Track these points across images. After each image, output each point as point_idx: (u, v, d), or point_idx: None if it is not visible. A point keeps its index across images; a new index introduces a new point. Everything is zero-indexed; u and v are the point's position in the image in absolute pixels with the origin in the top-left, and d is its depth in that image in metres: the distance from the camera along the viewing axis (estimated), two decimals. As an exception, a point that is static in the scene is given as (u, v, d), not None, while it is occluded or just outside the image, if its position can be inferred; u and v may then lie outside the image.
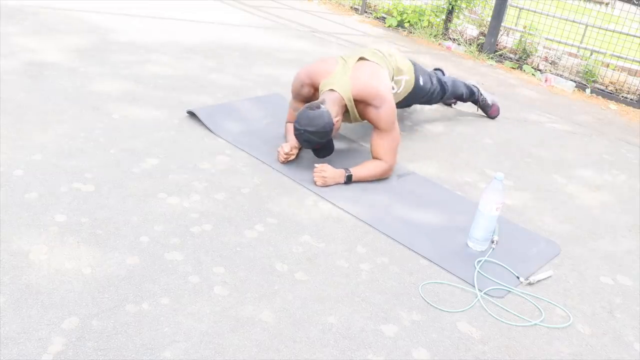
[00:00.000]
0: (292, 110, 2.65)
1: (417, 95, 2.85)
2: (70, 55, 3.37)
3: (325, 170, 2.36)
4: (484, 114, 3.43)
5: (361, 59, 2.53)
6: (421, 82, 2.82)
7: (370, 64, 2.52)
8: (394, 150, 2.45)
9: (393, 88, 2.65)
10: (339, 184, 2.38)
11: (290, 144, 2.47)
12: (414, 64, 2.83)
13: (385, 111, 2.38)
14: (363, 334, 1.60)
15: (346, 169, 2.40)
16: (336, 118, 2.33)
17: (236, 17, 4.94)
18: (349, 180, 2.38)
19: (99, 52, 3.50)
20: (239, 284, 1.72)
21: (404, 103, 2.86)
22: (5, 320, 1.47)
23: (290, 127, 2.61)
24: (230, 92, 3.19)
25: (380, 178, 2.46)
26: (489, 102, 3.36)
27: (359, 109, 2.45)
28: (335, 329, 1.60)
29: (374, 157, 2.47)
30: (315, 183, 2.34)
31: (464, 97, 3.25)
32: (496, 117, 3.43)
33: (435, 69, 3.26)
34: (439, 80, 2.99)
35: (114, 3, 4.69)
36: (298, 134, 2.28)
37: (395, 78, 2.67)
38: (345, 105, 2.42)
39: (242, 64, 3.70)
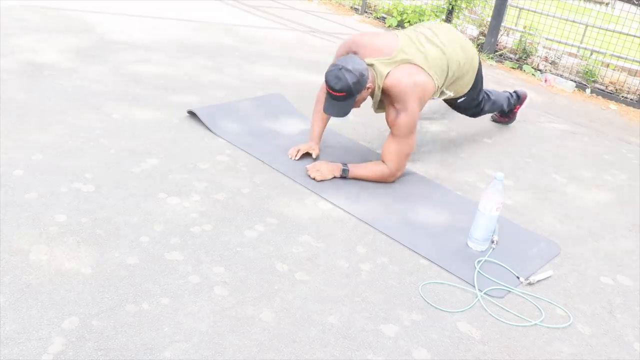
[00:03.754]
0: (322, 94, 2.55)
1: (454, 104, 2.82)
2: (70, 55, 3.37)
3: (318, 165, 2.38)
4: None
5: (412, 63, 2.35)
6: (460, 101, 2.75)
7: (419, 70, 2.35)
8: (401, 158, 2.40)
9: (435, 95, 2.52)
10: (336, 177, 2.39)
11: (308, 145, 2.51)
12: (476, 82, 2.67)
13: (404, 119, 2.31)
14: (363, 334, 1.60)
15: (344, 164, 2.40)
16: (368, 85, 2.26)
17: (236, 17, 4.94)
18: (344, 173, 2.39)
19: (98, 52, 3.50)
20: (239, 284, 1.72)
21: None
22: (5, 320, 1.47)
23: (317, 117, 2.57)
24: (230, 92, 3.19)
25: (379, 181, 2.43)
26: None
27: (386, 101, 2.38)
28: (335, 329, 1.60)
29: (382, 159, 2.45)
30: (313, 179, 2.35)
31: (506, 109, 3.19)
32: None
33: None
34: (482, 99, 2.91)
35: (114, 3, 4.69)
36: (332, 69, 2.21)
37: (444, 90, 2.55)
38: (374, 90, 2.36)
39: (242, 64, 3.70)
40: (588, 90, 4.44)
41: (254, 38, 4.38)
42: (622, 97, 4.36)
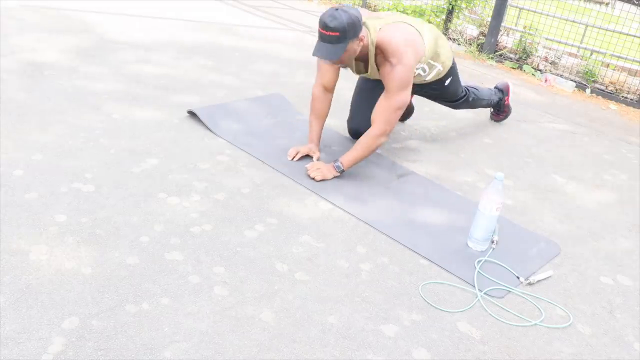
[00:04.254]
0: (322, 66, 2.53)
1: (437, 92, 2.79)
2: (70, 55, 3.37)
3: (318, 164, 2.39)
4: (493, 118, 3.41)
5: (407, 24, 2.42)
6: (446, 83, 2.73)
7: (412, 30, 2.39)
8: (390, 113, 2.33)
9: (424, 70, 2.54)
10: (337, 177, 2.40)
11: (308, 148, 2.53)
12: (454, 64, 2.73)
13: (399, 71, 2.27)
14: (363, 334, 1.60)
15: (334, 161, 2.40)
16: (361, 35, 2.24)
17: (236, 17, 4.94)
18: (339, 170, 2.39)
19: (98, 52, 3.50)
20: (239, 284, 1.72)
21: (421, 91, 2.80)
22: (5, 320, 1.46)
23: (314, 117, 2.57)
24: (230, 92, 3.19)
25: (374, 148, 2.38)
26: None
27: (377, 60, 2.37)
28: (335, 329, 1.60)
29: (372, 121, 2.38)
30: (314, 179, 2.35)
31: (495, 102, 3.22)
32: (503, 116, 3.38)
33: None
34: (466, 89, 2.95)
35: (114, 3, 4.69)
36: (329, 9, 2.21)
37: (429, 61, 2.53)
38: (367, 50, 2.34)
39: (242, 64, 3.70)
40: (588, 90, 4.44)
41: (254, 38, 4.38)
42: (622, 97, 4.36)
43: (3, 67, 3.04)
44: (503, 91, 3.28)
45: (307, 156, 2.53)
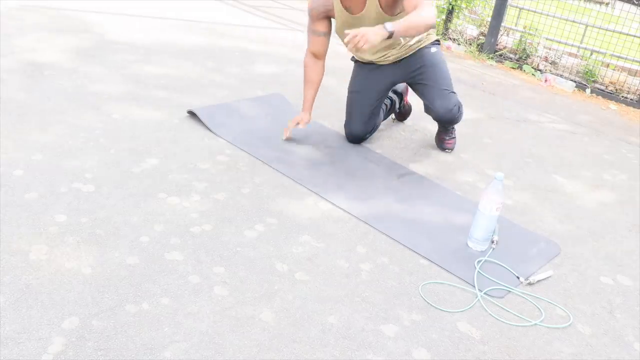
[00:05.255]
0: (312, 37, 2.54)
1: (425, 69, 2.61)
2: (70, 55, 3.37)
3: (359, 30, 2.12)
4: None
5: None
6: (432, 50, 2.63)
7: None
8: (429, 2, 2.23)
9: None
10: (383, 37, 2.14)
11: (296, 117, 2.56)
12: (439, 41, 2.68)
13: None
14: (363, 334, 1.60)
15: (383, 26, 2.15)
16: None
17: (236, 17, 4.94)
18: (390, 32, 2.14)
19: (99, 52, 3.50)
20: (239, 284, 1.72)
21: (407, 74, 2.66)
22: (5, 320, 1.47)
23: (307, 86, 2.59)
24: (230, 92, 3.19)
25: (425, 27, 2.21)
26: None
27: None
28: (335, 329, 1.60)
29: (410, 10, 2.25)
30: (360, 45, 2.11)
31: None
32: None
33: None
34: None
35: (114, 3, 4.69)
36: None
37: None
38: None
39: (242, 64, 3.70)
40: (588, 90, 4.44)
41: (254, 38, 4.38)
42: (622, 97, 4.36)
43: (3, 67, 3.04)
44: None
45: (310, 162, 2.53)
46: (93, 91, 2.93)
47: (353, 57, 2.80)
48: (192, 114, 2.79)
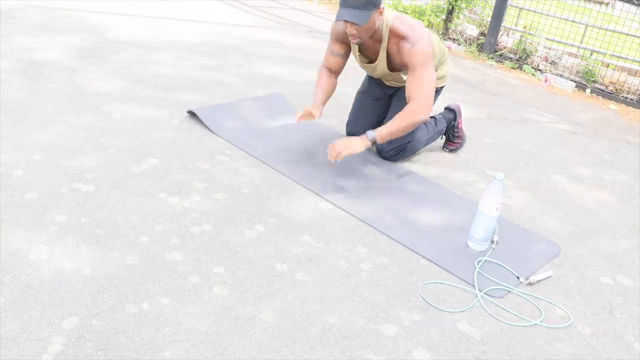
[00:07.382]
0: (329, 55, 2.55)
1: None
2: (70, 55, 3.37)
3: (343, 140, 2.30)
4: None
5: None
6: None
7: (425, 27, 2.40)
8: (429, 92, 2.29)
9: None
10: (368, 147, 2.32)
11: (308, 108, 2.42)
12: (441, 88, 2.70)
13: (421, 47, 2.27)
14: (363, 334, 1.60)
15: (366, 135, 2.30)
16: (381, 8, 2.25)
17: (236, 17, 4.94)
18: (371, 138, 2.30)
19: (98, 52, 3.50)
20: (239, 284, 1.72)
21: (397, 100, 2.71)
22: (5, 320, 1.47)
23: (320, 90, 2.53)
24: (230, 92, 3.19)
25: (412, 124, 2.30)
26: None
27: (391, 47, 2.35)
28: (335, 329, 1.60)
29: (407, 100, 2.33)
30: (338, 156, 2.28)
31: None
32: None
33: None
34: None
35: (114, 3, 4.69)
36: None
37: (435, 63, 2.49)
38: (380, 37, 2.33)
39: (242, 64, 3.70)
40: (588, 90, 4.44)
41: (254, 38, 4.38)
42: (622, 97, 4.36)
43: (3, 67, 3.04)
44: (455, 112, 2.85)
45: (311, 156, 2.53)
46: (93, 91, 2.93)
47: None
48: (192, 114, 2.79)
